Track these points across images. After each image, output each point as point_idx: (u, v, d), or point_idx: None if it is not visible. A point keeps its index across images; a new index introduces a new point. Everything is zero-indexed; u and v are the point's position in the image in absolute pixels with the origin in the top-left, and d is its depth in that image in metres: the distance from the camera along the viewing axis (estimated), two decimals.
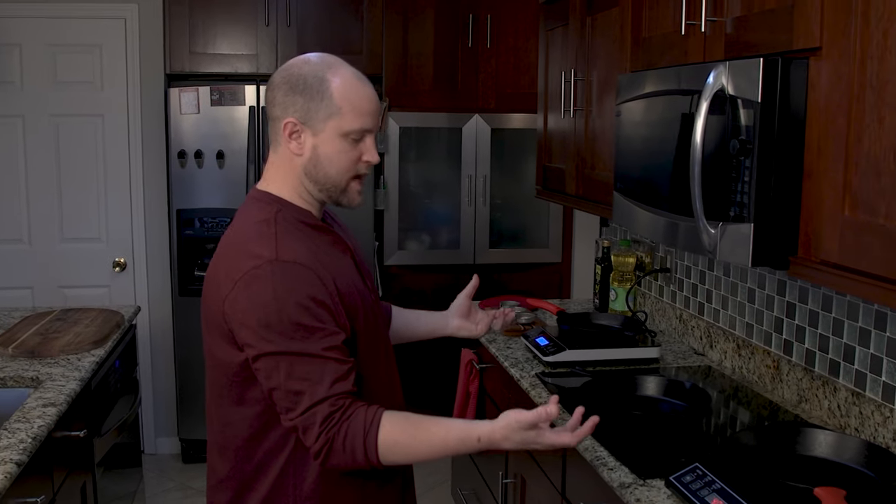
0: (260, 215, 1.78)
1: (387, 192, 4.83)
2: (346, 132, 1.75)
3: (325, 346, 1.67)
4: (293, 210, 1.81)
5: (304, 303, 1.66)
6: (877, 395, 2.26)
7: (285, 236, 1.73)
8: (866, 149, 1.70)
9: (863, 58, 1.71)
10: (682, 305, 3.33)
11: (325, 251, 1.79)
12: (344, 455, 1.66)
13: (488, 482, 3.34)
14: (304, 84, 1.74)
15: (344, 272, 1.80)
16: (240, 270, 1.69)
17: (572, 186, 3.41)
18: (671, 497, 1.94)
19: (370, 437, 1.66)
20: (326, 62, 1.78)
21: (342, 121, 1.74)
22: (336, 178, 1.79)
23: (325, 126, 1.75)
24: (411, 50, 4.78)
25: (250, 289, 1.67)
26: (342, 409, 1.66)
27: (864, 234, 1.71)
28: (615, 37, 2.95)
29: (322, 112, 1.74)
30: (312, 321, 1.66)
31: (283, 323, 1.65)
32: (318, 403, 1.65)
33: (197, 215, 4.57)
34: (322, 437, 1.65)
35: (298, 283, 1.67)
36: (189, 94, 4.50)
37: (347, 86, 1.75)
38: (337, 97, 1.74)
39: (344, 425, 1.65)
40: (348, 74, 1.77)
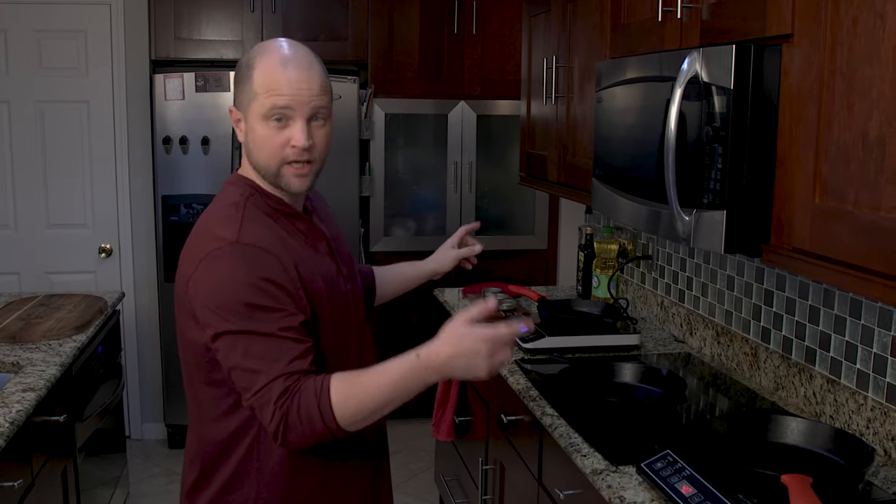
0: (230, 199, 1.79)
1: (372, 178, 4.83)
2: (264, 114, 1.73)
3: (282, 326, 1.66)
4: (266, 196, 1.81)
5: (261, 284, 1.66)
6: (851, 382, 2.27)
7: (250, 221, 1.74)
8: (836, 136, 1.71)
9: (833, 45, 1.71)
10: (663, 292, 3.34)
11: (293, 238, 1.80)
12: (302, 427, 1.64)
13: (469, 468, 3.35)
14: (238, 72, 1.79)
15: (310, 259, 1.80)
16: (203, 251, 1.70)
17: (554, 173, 3.41)
18: (642, 483, 1.95)
19: (323, 399, 1.63)
20: (262, 48, 1.79)
21: (257, 103, 1.74)
22: (266, 162, 1.77)
23: (249, 111, 1.76)
24: (397, 36, 4.77)
25: (210, 269, 1.68)
26: (295, 383, 1.65)
27: (834, 221, 1.71)
28: (595, 23, 2.94)
29: (245, 97, 1.76)
30: (269, 301, 1.66)
31: (240, 304, 1.65)
32: (272, 380, 1.64)
33: (182, 201, 4.57)
34: (277, 414, 1.63)
35: (257, 265, 1.68)
36: (174, 81, 4.49)
37: (266, 70, 1.74)
38: (256, 81, 1.74)
39: (296, 397, 1.63)
40: (274, 59, 1.75)
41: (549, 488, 2.42)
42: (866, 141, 1.62)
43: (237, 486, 1.80)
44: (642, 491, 1.92)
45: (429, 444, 4.40)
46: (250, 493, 1.80)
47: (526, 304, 3.54)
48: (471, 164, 4.92)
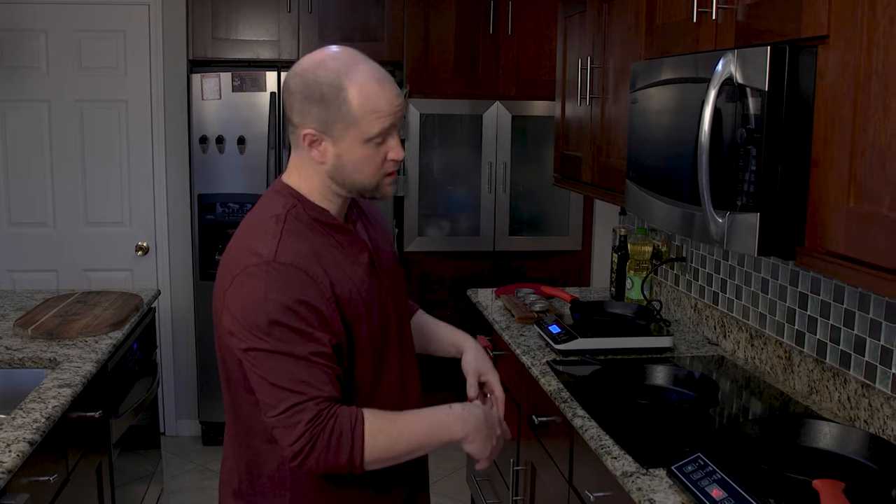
0: (273, 209, 1.77)
1: (407, 178, 4.84)
2: (369, 139, 1.71)
3: (313, 351, 1.66)
4: (309, 207, 1.79)
5: (295, 307, 1.65)
6: (886, 387, 2.24)
7: (290, 236, 1.72)
8: (871, 138, 1.69)
9: (869, 46, 1.69)
10: (696, 295, 3.31)
11: (334, 253, 1.77)
12: (327, 453, 1.64)
13: (500, 469, 3.35)
14: (321, 94, 1.69)
15: (349, 276, 1.78)
16: (238, 265, 1.70)
17: (588, 174, 3.40)
18: (672, 486, 1.94)
19: (357, 431, 1.65)
20: (343, 65, 1.71)
21: (362, 129, 1.70)
22: (365, 181, 1.77)
23: (346, 136, 1.71)
24: (432, 36, 4.78)
25: (244, 285, 1.68)
26: (329, 409, 1.65)
27: (869, 224, 1.69)
28: (630, 24, 2.93)
29: (340, 123, 1.69)
30: (302, 325, 1.66)
31: (272, 324, 1.64)
32: (304, 402, 1.64)
33: (218, 200, 4.61)
34: (306, 436, 1.63)
35: (291, 285, 1.66)
36: (211, 80, 4.53)
37: (365, 92, 1.69)
38: (355, 107, 1.68)
39: (329, 423, 1.64)
40: (365, 78, 1.70)
41: (580, 490, 2.42)
42: None
43: (271, 497, 1.80)
44: (672, 494, 1.91)
45: None
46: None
47: (559, 305, 3.53)
48: (505, 164, 4.91)
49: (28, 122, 4.70)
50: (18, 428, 2.26)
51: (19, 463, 2.11)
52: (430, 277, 4.92)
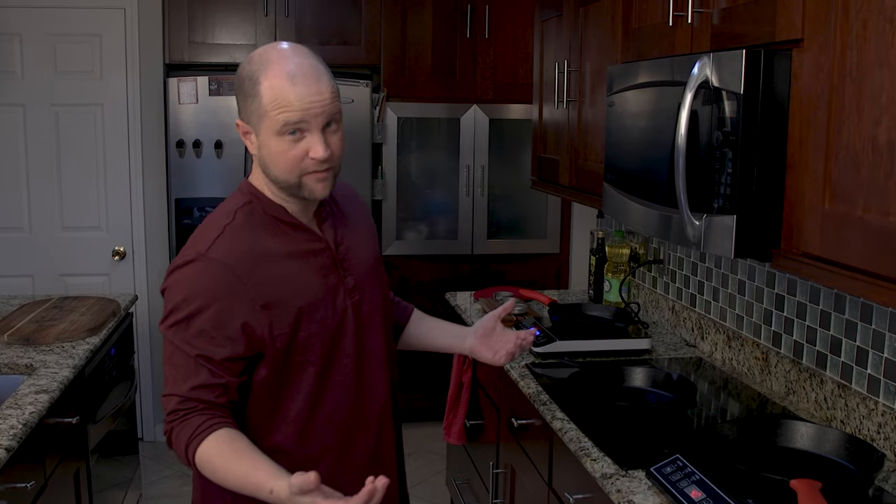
0: (227, 206, 1.83)
1: (384, 182, 4.84)
2: (277, 130, 1.70)
3: (201, 354, 1.71)
4: (265, 204, 1.80)
5: (206, 306, 1.71)
6: (862, 387, 2.26)
7: (233, 231, 1.77)
8: (846, 140, 1.71)
9: (843, 49, 1.71)
10: (674, 297, 3.33)
11: (281, 250, 1.79)
12: (177, 449, 1.73)
13: (480, 472, 3.36)
14: (241, 86, 1.74)
15: (290, 277, 1.78)
16: (177, 260, 1.77)
17: (566, 177, 3.41)
18: (651, 488, 1.95)
19: (192, 446, 1.69)
20: (265, 60, 1.72)
21: (269, 120, 1.70)
22: (285, 176, 1.75)
23: (260, 127, 1.73)
24: (409, 40, 4.79)
25: (173, 275, 1.76)
26: (186, 410, 1.71)
27: (844, 226, 1.71)
28: (606, 27, 2.95)
29: (254, 113, 1.72)
30: (206, 325, 1.71)
31: (181, 315, 1.72)
32: (171, 395, 1.73)
33: (195, 204, 4.59)
34: (166, 425, 1.74)
35: (213, 283, 1.72)
36: (188, 84, 4.51)
37: (275, 85, 1.69)
38: (264, 98, 1.69)
39: (180, 425, 1.71)
40: (280, 73, 1.69)
41: (560, 492, 2.42)
42: (876, 145, 1.61)
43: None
44: (651, 495, 1.92)
45: (440, 447, 4.40)
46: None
47: (537, 307, 3.54)
48: (483, 167, 4.92)
49: (3, 127, 4.66)
50: None
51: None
52: (409, 281, 4.92)
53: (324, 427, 1.84)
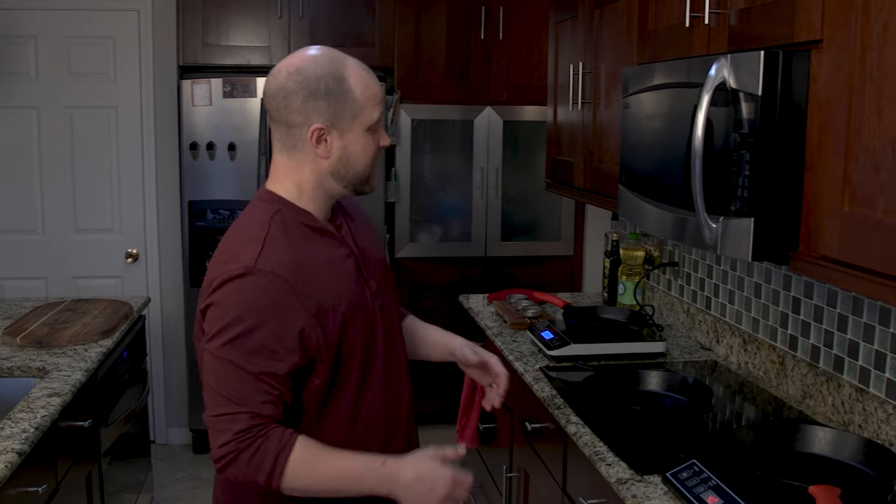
0: (257, 215, 1.78)
1: (398, 184, 4.83)
2: (370, 126, 1.78)
3: (264, 371, 1.66)
4: (294, 211, 1.79)
5: (263, 320, 1.66)
6: (880, 391, 2.23)
7: (274, 242, 1.72)
8: (865, 142, 1.68)
9: (863, 50, 1.68)
10: (689, 300, 3.31)
11: (318, 257, 1.77)
12: (247, 469, 1.66)
13: (493, 476, 3.34)
14: (326, 88, 1.72)
15: (333, 283, 1.77)
16: (221, 275, 1.69)
17: (580, 179, 3.40)
18: (668, 493, 1.93)
19: (281, 457, 1.66)
20: (335, 59, 1.76)
21: (366, 116, 1.76)
22: (364, 171, 1.81)
23: (353, 126, 1.76)
24: (423, 42, 4.77)
25: (221, 291, 1.68)
26: (262, 426, 1.66)
27: (863, 229, 1.69)
28: (622, 29, 2.93)
29: (348, 113, 1.74)
30: (265, 340, 1.66)
31: (234, 333, 1.65)
32: (239, 413, 1.65)
33: (209, 207, 4.59)
34: (231, 445, 1.65)
35: (268, 296, 1.67)
36: (201, 86, 4.51)
37: (363, 81, 1.76)
38: (358, 95, 1.74)
39: (258, 441, 1.65)
40: (358, 67, 1.77)
41: (574, 497, 2.40)
42: None
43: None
44: (667, 501, 1.90)
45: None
46: None
47: (551, 310, 3.52)
48: (497, 169, 4.90)
49: (17, 129, 4.67)
50: (7, 438, 2.23)
51: (7, 474, 2.09)
52: (421, 284, 4.91)
53: (364, 433, 1.84)
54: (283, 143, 1.78)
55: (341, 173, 1.79)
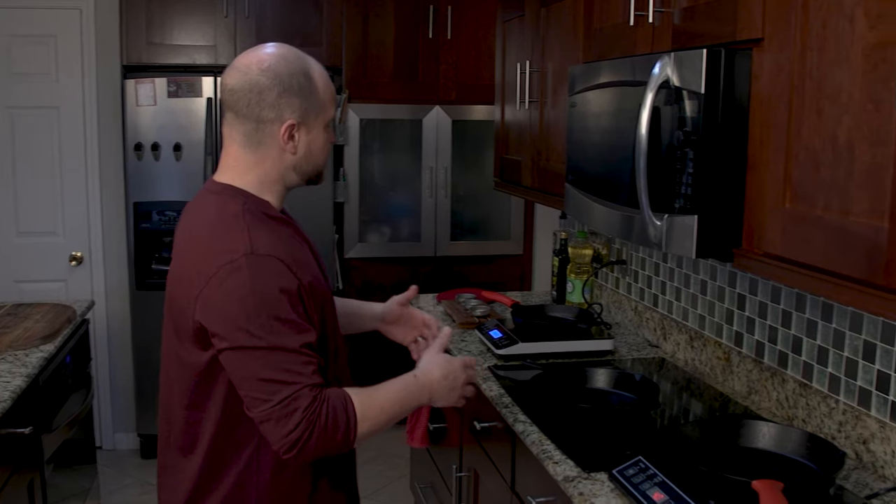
0: (225, 209, 1.76)
1: (347, 184, 4.80)
2: (328, 122, 1.84)
3: (302, 343, 1.67)
4: (256, 202, 1.80)
5: (281, 297, 1.67)
6: (823, 386, 2.26)
7: (257, 230, 1.73)
8: (806, 140, 1.70)
9: (803, 49, 1.70)
10: (637, 297, 3.33)
11: (290, 242, 1.80)
12: (325, 436, 1.66)
13: (444, 475, 3.33)
14: (299, 85, 1.76)
15: (308, 264, 1.82)
16: (214, 266, 1.67)
17: (528, 178, 3.40)
18: (614, 490, 1.94)
19: (350, 410, 1.70)
20: (301, 57, 1.81)
21: (327, 113, 1.83)
22: (322, 164, 1.88)
23: (317, 122, 1.81)
24: (371, 41, 4.76)
25: (226, 284, 1.66)
26: (321, 393, 1.68)
27: (804, 225, 1.70)
28: (568, 28, 2.93)
29: (314, 110, 1.79)
30: (290, 315, 1.67)
31: (262, 317, 1.64)
32: (300, 390, 1.65)
33: (154, 208, 4.53)
34: (304, 423, 1.64)
35: (275, 276, 1.68)
36: (146, 86, 4.45)
37: (323, 77, 1.82)
38: (321, 91, 1.80)
39: (323, 406, 1.67)
40: (318, 65, 1.83)
41: (522, 496, 2.40)
42: (836, 145, 1.61)
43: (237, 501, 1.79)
44: (614, 498, 1.90)
45: (404, 451, 4.37)
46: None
47: (500, 309, 3.52)
48: (446, 169, 4.90)
49: None
50: None
51: None
52: (371, 284, 4.88)
53: None
54: (249, 138, 1.78)
55: (303, 167, 1.84)
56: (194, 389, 1.77)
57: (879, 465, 2.05)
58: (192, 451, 1.81)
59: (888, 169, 1.47)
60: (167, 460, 1.88)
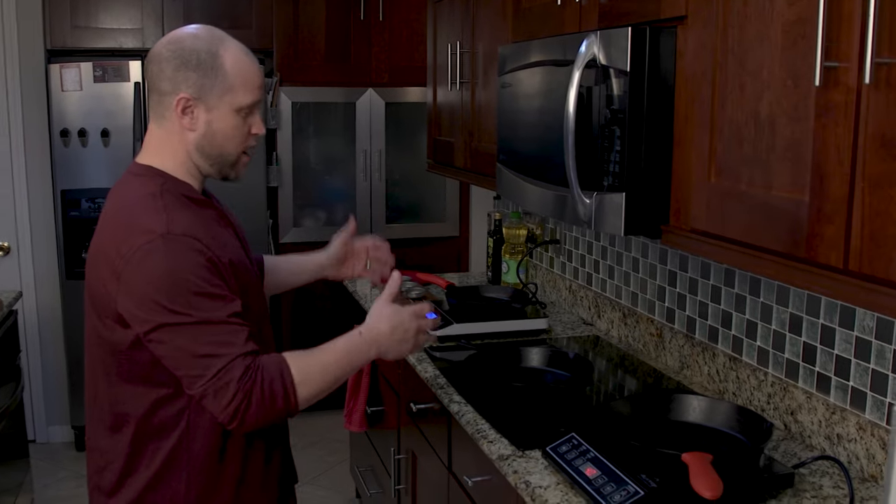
0: (144, 189, 1.76)
1: (280, 168, 4.76)
2: (240, 107, 1.79)
3: (230, 313, 1.68)
4: (176, 183, 1.80)
5: (202, 273, 1.67)
6: (752, 359, 2.30)
7: (174, 210, 1.73)
8: (729, 116, 1.72)
9: (725, 26, 1.72)
10: (571, 276, 3.35)
11: (210, 224, 1.80)
12: (264, 403, 1.67)
13: (382, 458, 3.33)
14: (198, 60, 1.75)
15: (230, 245, 1.82)
16: (131, 246, 1.67)
17: (461, 160, 3.40)
18: (548, 467, 1.95)
19: (286, 376, 1.70)
20: (216, 36, 1.79)
21: (236, 96, 1.77)
22: (230, 151, 1.82)
23: (221, 102, 1.77)
24: (302, 23, 4.71)
25: (144, 263, 1.65)
26: (253, 362, 1.68)
27: (728, 200, 1.73)
28: (497, 8, 2.93)
29: (217, 88, 1.76)
30: (214, 289, 1.68)
31: (185, 293, 1.64)
32: (232, 361, 1.65)
33: (83, 196, 4.44)
34: (240, 394, 1.65)
35: (193, 253, 1.68)
36: (71, 71, 4.35)
37: (239, 62, 1.78)
38: (231, 73, 1.76)
39: (258, 374, 1.67)
40: (238, 50, 1.80)
41: (459, 475, 2.41)
42: (758, 121, 1.63)
43: (165, 482, 1.79)
44: (548, 475, 1.92)
45: (343, 435, 4.36)
46: (179, 488, 1.79)
47: (436, 291, 3.52)
48: (380, 151, 4.88)
49: None
50: None
51: None
52: None
53: None
54: (155, 111, 1.81)
55: (206, 150, 1.81)
56: (117, 367, 1.77)
57: (807, 435, 2.09)
58: (118, 431, 1.80)
59: (807, 144, 1.49)
60: (95, 441, 1.87)
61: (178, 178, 1.81)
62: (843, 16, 1.38)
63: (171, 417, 1.76)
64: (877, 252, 1.35)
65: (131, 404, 1.78)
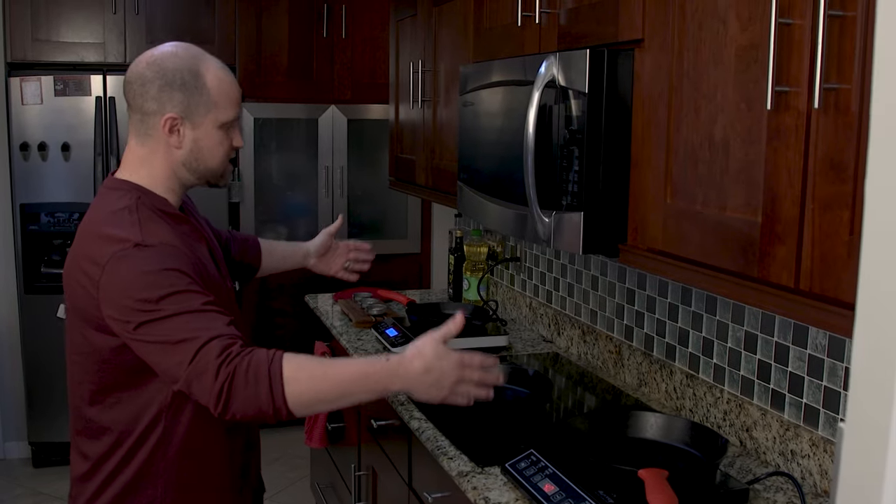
0: (120, 203, 1.79)
1: (242, 184, 4.75)
2: (223, 123, 1.83)
3: (205, 302, 1.69)
4: (152, 198, 1.83)
5: (175, 273, 1.69)
6: (708, 376, 2.34)
7: (149, 223, 1.76)
8: (684, 138, 1.75)
9: (680, 49, 1.75)
10: (531, 294, 3.38)
11: (184, 239, 1.82)
12: (246, 391, 1.61)
13: (343, 475, 3.33)
14: (182, 79, 1.78)
15: (203, 259, 1.85)
16: (105, 255, 1.69)
17: (422, 177, 3.42)
18: (507, 484, 1.97)
19: (274, 365, 1.64)
20: (194, 54, 1.82)
21: (219, 113, 1.82)
22: (216, 165, 1.87)
23: (205, 120, 1.81)
24: (265, 39, 4.72)
25: (119, 269, 1.68)
26: (237, 345, 1.65)
27: (684, 220, 1.76)
28: (459, 28, 2.96)
29: (202, 107, 1.80)
30: (186, 287, 1.69)
31: (159, 290, 1.66)
32: (209, 341, 1.63)
33: (42, 210, 4.40)
34: (221, 374, 1.61)
35: (167, 258, 1.70)
36: (31, 84, 4.32)
37: (220, 78, 1.82)
38: (213, 91, 1.80)
39: (244, 358, 1.63)
40: (217, 67, 1.84)
41: (419, 492, 2.42)
42: (712, 142, 1.66)
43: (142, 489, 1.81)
44: (507, 491, 1.93)
45: (304, 451, 4.35)
46: (156, 493, 1.82)
47: (397, 308, 3.53)
48: (342, 168, 4.89)
49: None
50: None
51: None
52: (269, 284, 4.84)
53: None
54: (138, 130, 1.83)
55: (193, 165, 1.85)
56: (100, 377, 1.79)
57: (762, 451, 2.13)
58: (98, 438, 1.82)
59: (760, 166, 1.53)
60: (75, 445, 1.89)
61: (156, 192, 1.84)
62: (793, 42, 1.42)
63: (148, 425, 1.79)
64: (826, 272, 1.39)
65: (110, 413, 1.80)
